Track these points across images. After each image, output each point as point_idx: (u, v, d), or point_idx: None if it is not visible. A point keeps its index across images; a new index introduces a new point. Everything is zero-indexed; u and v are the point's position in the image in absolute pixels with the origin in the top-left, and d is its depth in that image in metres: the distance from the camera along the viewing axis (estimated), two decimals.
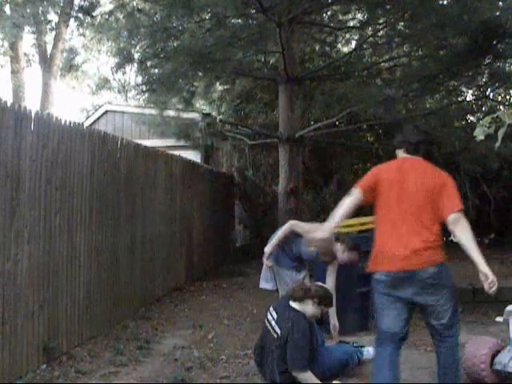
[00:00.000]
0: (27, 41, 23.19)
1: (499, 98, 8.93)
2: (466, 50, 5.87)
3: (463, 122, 9.18)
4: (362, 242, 4.73)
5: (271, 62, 9.23)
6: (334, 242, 4.14)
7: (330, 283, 4.22)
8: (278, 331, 3.43)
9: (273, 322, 3.51)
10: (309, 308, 3.50)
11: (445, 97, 7.93)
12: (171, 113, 9.17)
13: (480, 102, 8.39)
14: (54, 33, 13.64)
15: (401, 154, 3.10)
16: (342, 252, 4.18)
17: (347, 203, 2.95)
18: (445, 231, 2.82)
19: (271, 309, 3.63)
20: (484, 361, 3.31)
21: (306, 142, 7.60)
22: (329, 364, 3.55)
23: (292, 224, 4.42)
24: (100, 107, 11.81)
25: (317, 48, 9.59)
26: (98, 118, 11.42)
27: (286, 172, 7.45)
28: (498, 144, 2.28)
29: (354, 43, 9.35)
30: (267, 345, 3.51)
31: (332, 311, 4.18)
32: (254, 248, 10.48)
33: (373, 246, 2.96)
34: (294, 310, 3.49)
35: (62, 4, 11.90)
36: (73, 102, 35.73)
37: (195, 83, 8.43)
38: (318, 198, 9.58)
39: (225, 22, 6.51)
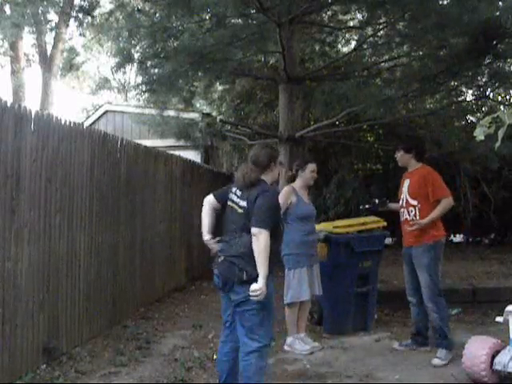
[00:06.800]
0: (27, 41, 23.15)
1: (499, 98, 8.93)
2: (466, 50, 5.87)
3: (463, 122, 9.17)
4: (361, 242, 4.76)
5: (271, 61, 9.22)
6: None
7: None
8: (244, 204, 2.98)
9: (236, 199, 3.06)
10: (269, 176, 3.14)
11: (445, 97, 7.92)
12: (171, 113, 9.17)
13: (480, 102, 8.38)
14: (54, 33, 13.65)
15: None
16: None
17: None
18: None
19: (233, 190, 3.13)
20: (484, 361, 3.31)
21: (305, 142, 7.59)
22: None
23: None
24: (100, 107, 11.81)
25: (317, 48, 9.57)
26: (98, 118, 11.43)
27: (286, 172, 7.43)
28: (498, 144, 2.28)
29: (353, 43, 9.34)
30: (229, 225, 3.05)
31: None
32: None
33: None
34: (258, 180, 3.03)
35: (61, 4, 11.90)
36: (73, 102, 35.77)
37: (195, 83, 8.43)
38: (318, 198, 9.56)
39: (225, 22, 6.50)
